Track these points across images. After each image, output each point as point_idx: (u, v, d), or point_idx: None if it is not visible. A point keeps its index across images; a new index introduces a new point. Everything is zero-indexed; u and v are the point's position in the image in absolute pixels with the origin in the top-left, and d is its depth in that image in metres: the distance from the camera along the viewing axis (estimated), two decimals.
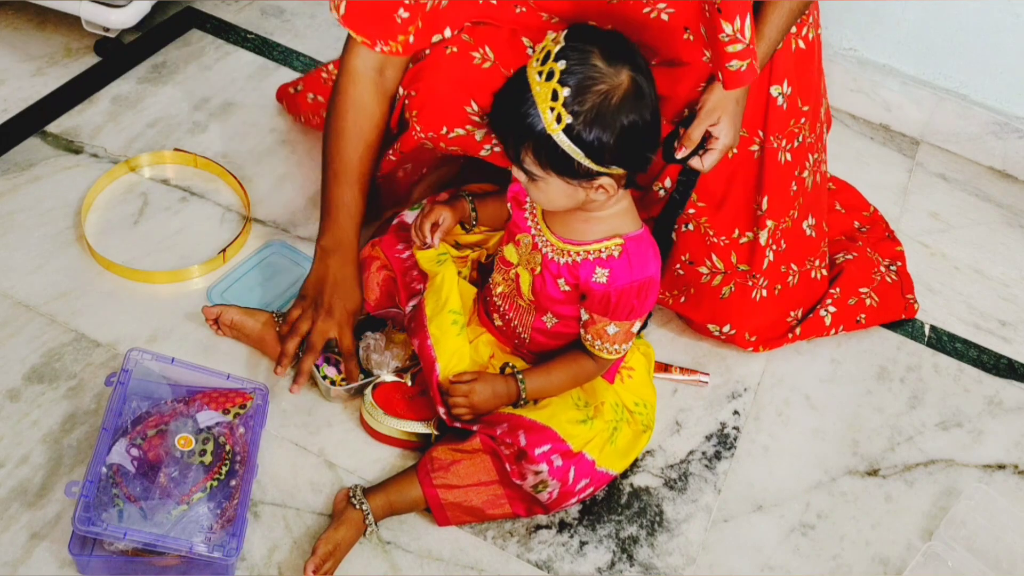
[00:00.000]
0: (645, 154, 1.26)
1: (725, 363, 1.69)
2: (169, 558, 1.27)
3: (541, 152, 1.22)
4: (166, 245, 1.69)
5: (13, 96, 1.90)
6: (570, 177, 1.24)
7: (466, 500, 1.37)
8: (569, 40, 1.20)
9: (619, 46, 1.23)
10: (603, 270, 1.33)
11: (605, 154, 1.21)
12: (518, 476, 1.35)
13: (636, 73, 1.21)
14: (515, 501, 1.39)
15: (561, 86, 1.18)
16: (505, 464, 1.36)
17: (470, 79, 1.42)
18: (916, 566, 1.45)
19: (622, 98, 1.20)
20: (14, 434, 1.40)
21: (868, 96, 2.26)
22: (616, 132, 1.20)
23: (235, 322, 1.53)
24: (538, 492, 1.36)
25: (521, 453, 1.34)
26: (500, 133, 1.29)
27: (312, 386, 1.53)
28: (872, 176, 2.15)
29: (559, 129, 1.19)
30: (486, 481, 1.37)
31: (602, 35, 1.24)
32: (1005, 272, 1.98)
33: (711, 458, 1.56)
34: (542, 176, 1.25)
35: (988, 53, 2.13)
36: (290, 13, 2.23)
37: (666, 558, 1.43)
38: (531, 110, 1.20)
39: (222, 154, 1.86)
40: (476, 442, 1.37)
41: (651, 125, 1.24)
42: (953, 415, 1.69)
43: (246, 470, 1.34)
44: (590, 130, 1.19)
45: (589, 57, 1.19)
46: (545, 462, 1.34)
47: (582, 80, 1.18)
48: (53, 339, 1.52)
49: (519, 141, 1.24)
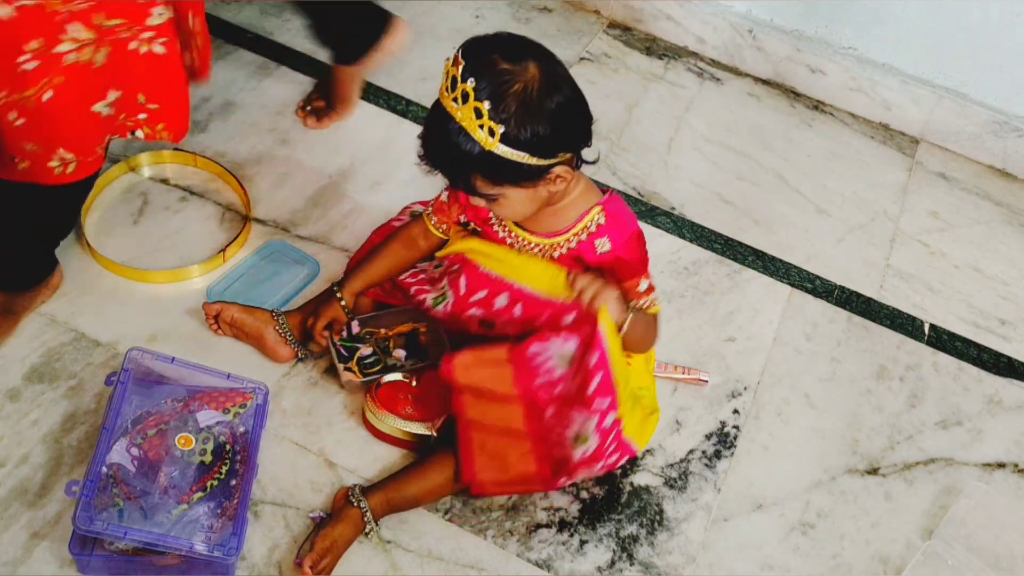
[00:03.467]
0: (583, 127, 1.28)
1: (725, 362, 1.69)
2: (169, 557, 1.27)
3: (489, 171, 1.24)
4: (166, 245, 1.69)
5: None
6: (526, 181, 1.25)
7: (494, 447, 1.37)
8: (468, 57, 1.20)
9: (515, 43, 1.24)
10: (601, 240, 1.35)
11: (547, 145, 1.22)
12: (560, 419, 1.35)
13: (540, 61, 1.23)
14: (543, 460, 1.38)
15: (480, 102, 1.18)
16: (548, 406, 1.35)
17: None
18: (916, 565, 1.45)
19: (540, 87, 1.21)
20: (14, 434, 1.40)
21: (868, 95, 2.26)
22: (549, 120, 1.21)
23: (235, 319, 1.53)
24: (576, 445, 1.35)
25: (578, 396, 1.34)
26: (443, 171, 1.29)
27: (313, 385, 1.53)
28: (872, 175, 2.15)
29: (496, 142, 1.20)
30: (515, 429, 1.37)
31: (494, 40, 1.24)
32: (1005, 271, 1.98)
33: (711, 457, 1.56)
34: (500, 192, 1.27)
35: (988, 52, 2.13)
36: (290, 13, 2.23)
37: (666, 557, 1.43)
38: (462, 137, 1.21)
39: (222, 154, 1.86)
40: (509, 382, 1.36)
41: (576, 98, 1.26)
42: (953, 414, 1.70)
43: (246, 469, 1.34)
44: (525, 129, 1.20)
45: (493, 64, 1.20)
46: (599, 414, 1.34)
47: (496, 88, 1.19)
48: (53, 339, 1.52)
49: (465, 171, 1.25)
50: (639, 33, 2.40)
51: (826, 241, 1.97)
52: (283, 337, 1.53)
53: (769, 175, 2.10)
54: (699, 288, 1.82)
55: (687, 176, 2.05)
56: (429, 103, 2.09)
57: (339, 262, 1.69)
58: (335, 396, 1.53)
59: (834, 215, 2.03)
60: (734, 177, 2.07)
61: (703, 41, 2.36)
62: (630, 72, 2.28)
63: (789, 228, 1.99)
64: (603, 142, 2.06)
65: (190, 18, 1.33)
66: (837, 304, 1.84)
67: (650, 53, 2.35)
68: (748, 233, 1.95)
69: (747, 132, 2.19)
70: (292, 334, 1.53)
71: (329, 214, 1.79)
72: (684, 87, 2.27)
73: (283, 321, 1.53)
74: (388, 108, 2.04)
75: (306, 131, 1.95)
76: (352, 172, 1.88)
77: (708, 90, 2.28)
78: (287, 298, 1.63)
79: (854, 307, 1.84)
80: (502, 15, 2.36)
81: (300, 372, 1.55)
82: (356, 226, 1.76)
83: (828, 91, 2.30)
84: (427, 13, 2.32)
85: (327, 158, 1.90)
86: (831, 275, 1.90)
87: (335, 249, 1.73)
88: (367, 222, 1.76)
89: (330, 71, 1.91)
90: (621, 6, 2.40)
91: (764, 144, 2.17)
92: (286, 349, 1.53)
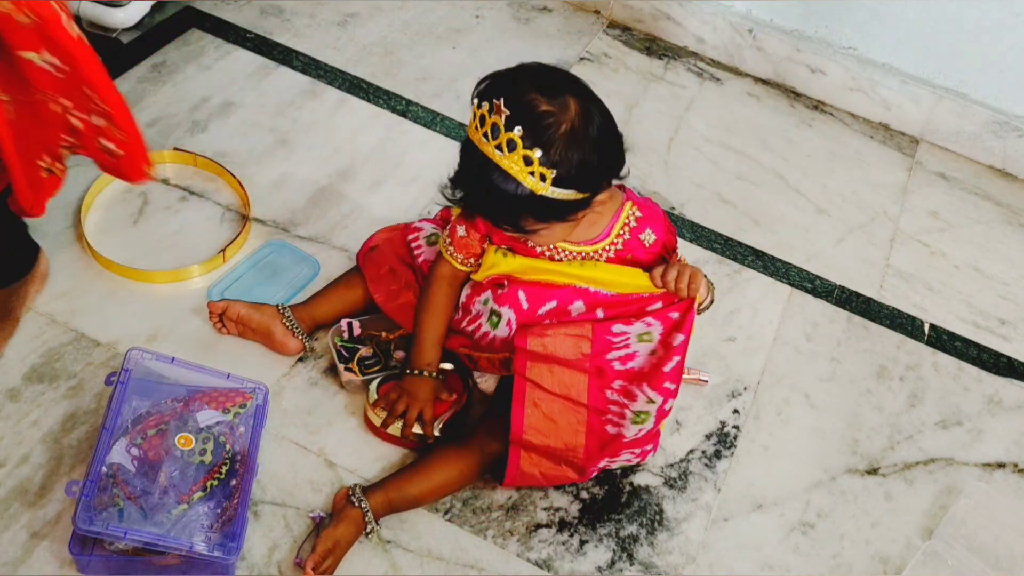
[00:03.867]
0: (620, 149, 1.29)
1: (725, 362, 1.69)
2: (169, 557, 1.27)
3: (539, 212, 1.24)
4: (166, 245, 1.69)
5: None
6: (571, 214, 1.26)
7: (549, 409, 1.36)
8: (509, 104, 1.19)
9: (548, 78, 1.24)
10: (645, 233, 1.38)
11: (595, 178, 1.24)
12: (625, 394, 1.36)
13: (575, 93, 1.22)
14: (592, 434, 1.38)
15: (530, 150, 1.18)
16: (615, 380, 1.36)
17: None
18: (916, 565, 1.45)
19: (583, 123, 1.21)
20: (14, 434, 1.40)
21: (868, 95, 2.26)
22: (595, 151, 1.22)
23: (242, 315, 1.53)
24: (635, 422, 1.37)
25: (651, 373, 1.35)
26: (487, 215, 1.28)
27: (313, 385, 1.53)
28: (872, 175, 2.15)
29: (548, 187, 1.20)
30: (575, 399, 1.37)
31: (529, 77, 1.23)
32: (1004, 271, 1.98)
33: (711, 457, 1.56)
34: (546, 227, 1.27)
35: (988, 52, 2.13)
36: (290, 12, 2.23)
37: (666, 557, 1.43)
38: (510, 184, 1.20)
39: (222, 154, 1.86)
40: (584, 353, 1.36)
41: (608, 121, 1.26)
42: (953, 414, 1.70)
43: (246, 469, 1.34)
44: (575, 169, 1.20)
45: (535, 108, 1.19)
46: (664, 395, 1.36)
47: (544, 133, 1.18)
48: (53, 339, 1.52)
49: (514, 214, 1.24)
50: (639, 33, 2.40)
51: (826, 241, 1.97)
52: (291, 330, 1.53)
53: (769, 175, 2.10)
54: None
55: (687, 176, 2.05)
56: (429, 103, 2.12)
57: (339, 262, 1.69)
58: (335, 396, 1.53)
59: (834, 215, 2.03)
60: (734, 177, 2.07)
61: (703, 41, 2.36)
62: (630, 72, 2.28)
63: (789, 228, 1.99)
64: None
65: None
66: (837, 304, 1.84)
67: (650, 53, 2.35)
68: (748, 233, 1.95)
69: (747, 132, 2.19)
70: (300, 327, 1.53)
71: (329, 214, 1.79)
72: (684, 87, 2.27)
73: (290, 315, 1.53)
74: (388, 108, 2.04)
75: (306, 131, 1.95)
76: (352, 172, 1.88)
77: (708, 90, 2.28)
78: (288, 297, 1.63)
79: (854, 307, 1.84)
80: (502, 15, 2.36)
81: (300, 372, 1.55)
82: (356, 226, 1.76)
83: (828, 91, 2.30)
84: (427, 13, 2.32)
85: (327, 158, 1.90)
86: (831, 275, 1.90)
87: (335, 249, 1.73)
88: (367, 222, 1.76)
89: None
90: (621, 6, 2.40)
91: (764, 144, 2.17)
92: (295, 342, 1.54)
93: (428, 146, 1.97)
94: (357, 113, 2.02)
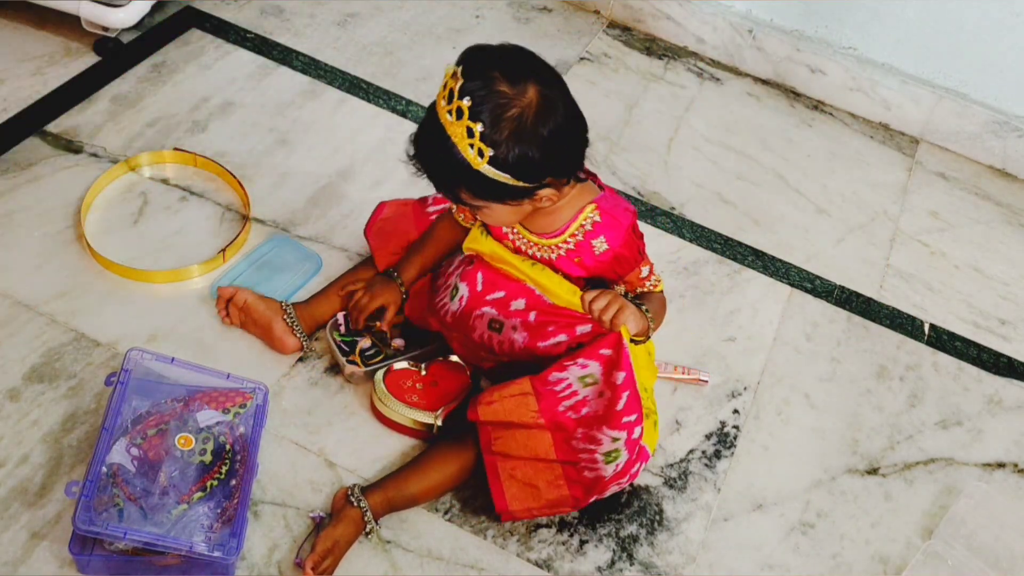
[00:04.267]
0: (575, 153, 1.28)
1: (725, 362, 1.69)
2: (169, 557, 1.27)
3: (474, 187, 1.24)
4: (166, 245, 1.69)
5: (12, 96, 1.90)
6: (509, 199, 1.26)
7: (524, 475, 1.36)
8: (468, 73, 1.19)
9: (518, 61, 1.23)
10: (598, 240, 1.36)
11: (535, 170, 1.22)
12: (589, 441, 1.34)
13: (541, 84, 1.21)
14: (574, 484, 1.37)
15: (474, 122, 1.18)
16: (576, 430, 1.35)
17: None
18: (916, 565, 1.45)
19: (536, 114, 1.20)
20: (14, 434, 1.40)
21: (867, 95, 2.26)
22: (540, 147, 1.21)
23: (247, 304, 1.54)
24: (608, 462, 1.35)
25: (606, 416, 1.34)
26: (429, 176, 1.29)
27: (313, 385, 1.53)
28: (872, 175, 2.15)
29: (484, 163, 1.20)
30: (544, 457, 1.36)
31: (497, 55, 1.23)
32: (1004, 271, 1.98)
33: (711, 457, 1.56)
34: (484, 205, 1.27)
35: (987, 52, 2.13)
36: (289, 12, 2.23)
37: (666, 557, 1.43)
38: (452, 150, 1.21)
39: (222, 154, 1.86)
40: (535, 411, 1.35)
41: (570, 126, 1.25)
42: (953, 414, 1.70)
43: (246, 469, 1.34)
44: (514, 154, 1.20)
45: (492, 83, 1.19)
46: (628, 429, 1.35)
47: (492, 110, 1.18)
48: (53, 339, 1.52)
49: (451, 183, 1.25)
50: (639, 33, 2.40)
51: (826, 241, 1.97)
52: (291, 328, 1.54)
53: (769, 175, 2.10)
54: (699, 288, 1.82)
55: (687, 176, 2.05)
56: (428, 103, 2.11)
57: (339, 262, 1.69)
58: (335, 396, 1.53)
59: (834, 215, 2.03)
60: (734, 177, 2.07)
61: (703, 41, 2.36)
62: (630, 72, 2.28)
63: (789, 228, 1.99)
64: (603, 142, 2.06)
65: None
66: (837, 304, 1.84)
67: (650, 53, 2.35)
68: (748, 233, 1.95)
69: (747, 132, 2.19)
70: (300, 326, 1.54)
71: (329, 214, 1.79)
72: (684, 87, 2.27)
73: (292, 312, 1.54)
74: (388, 108, 2.04)
75: (306, 131, 1.95)
76: (352, 172, 1.88)
77: (708, 90, 2.28)
78: (290, 293, 1.63)
79: (854, 307, 1.84)
80: (502, 15, 2.36)
81: (300, 372, 1.55)
82: (356, 226, 1.76)
83: (828, 91, 2.30)
84: (427, 13, 2.32)
85: (327, 158, 1.90)
86: (831, 275, 1.90)
87: (335, 249, 1.73)
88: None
89: None
90: (621, 6, 2.40)
91: (764, 144, 2.17)
92: (293, 340, 1.54)
93: None
94: (357, 113, 2.02)
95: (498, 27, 2.32)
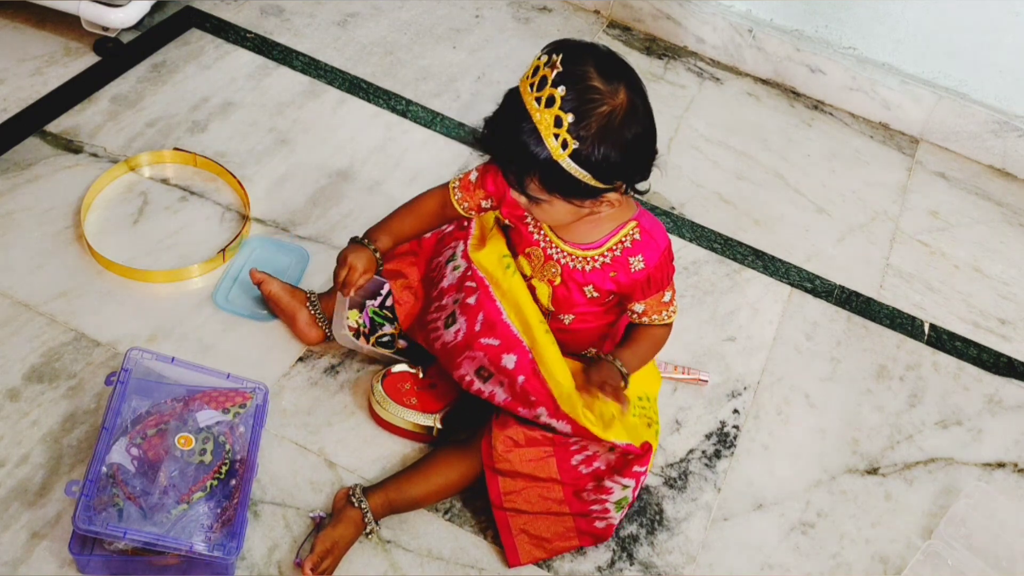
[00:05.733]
0: (648, 162, 1.28)
1: (725, 362, 1.69)
2: (169, 557, 1.27)
3: (548, 178, 1.22)
4: (166, 245, 1.69)
5: (12, 96, 1.90)
6: (577, 198, 1.25)
7: (536, 530, 1.37)
8: (566, 63, 1.19)
9: (612, 62, 1.23)
10: (635, 258, 1.35)
11: (612, 171, 1.22)
12: (600, 492, 1.36)
13: (631, 88, 1.22)
14: (585, 536, 1.38)
15: (564, 112, 1.17)
16: (587, 483, 1.36)
17: None
18: (916, 564, 1.45)
19: (624, 116, 1.20)
20: (14, 434, 1.40)
21: (867, 94, 2.26)
22: (622, 149, 1.21)
23: (273, 293, 1.56)
24: (618, 509, 1.37)
25: (618, 467, 1.35)
26: (500, 161, 1.27)
27: (313, 385, 1.53)
28: (872, 175, 2.15)
29: (566, 155, 1.19)
30: (557, 511, 1.37)
31: (595, 52, 1.23)
32: (1004, 270, 1.98)
33: (711, 457, 1.56)
34: (547, 199, 1.25)
35: (987, 52, 2.13)
36: (289, 12, 2.23)
37: (666, 556, 1.43)
38: (533, 138, 1.19)
39: (222, 153, 1.86)
40: (553, 468, 1.36)
41: (651, 133, 1.26)
42: (953, 413, 1.70)
43: (246, 469, 1.34)
44: (598, 152, 1.19)
45: (587, 78, 1.19)
46: (636, 477, 1.37)
47: (584, 104, 1.18)
48: (53, 338, 1.52)
49: (524, 169, 1.23)
50: (639, 33, 2.40)
51: (826, 241, 1.97)
52: (315, 319, 1.55)
53: (769, 175, 2.10)
54: (699, 288, 1.82)
55: (687, 176, 2.05)
56: (429, 103, 2.12)
57: None
58: (335, 396, 1.53)
59: (834, 215, 2.03)
60: (734, 177, 2.07)
61: (703, 41, 2.36)
62: None
63: (789, 228, 1.99)
64: None
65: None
66: (837, 304, 1.84)
67: (650, 53, 2.35)
68: (748, 233, 1.95)
69: (747, 132, 2.19)
70: (324, 317, 1.55)
71: (329, 214, 1.79)
72: (684, 87, 2.27)
73: (317, 303, 1.55)
74: (388, 108, 2.04)
75: (306, 131, 1.95)
76: (352, 172, 1.88)
77: (708, 90, 2.28)
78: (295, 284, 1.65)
79: (854, 307, 1.84)
80: (502, 15, 2.36)
81: (300, 372, 1.55)
82: (356, 226, 1.76)
83: (828, 91, 2.30)
84: (427, 13, 2.32)
85: (327, 158, 1.90)
86: (831, 275, 1.90)
87: (335, 249, 1.72)
88: (367, 222, 1.75)
89: None
90: (621, 6, 2.40)
91: (764, 144, 2.17)
92: (316, 331, 1.55)
93: (428, 146, 1.97)
94: (357, 113, 2.02)
95: (498, 27, 2.32)
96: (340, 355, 1.58)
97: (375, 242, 1.46)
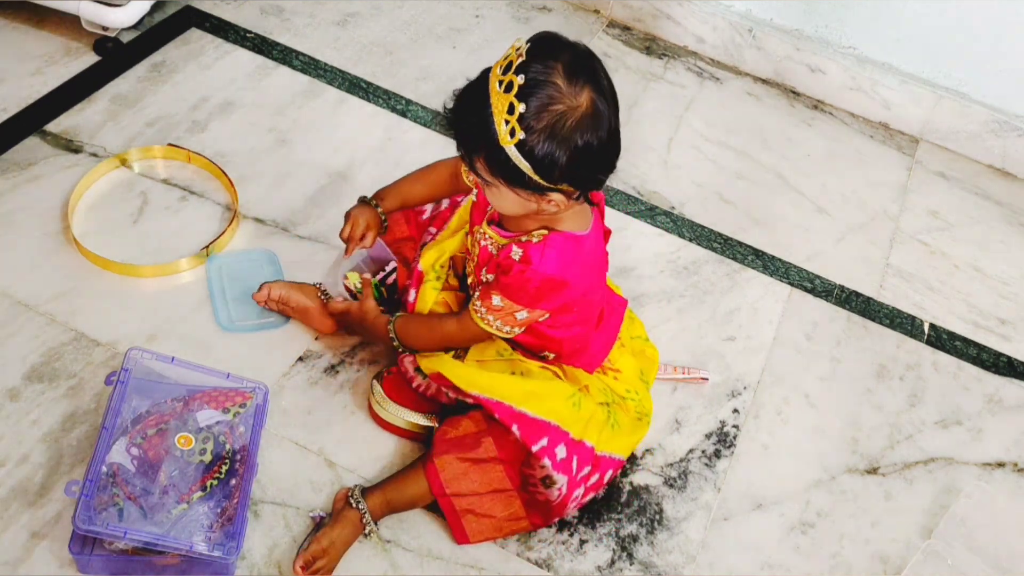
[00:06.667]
0: (597, 175, 1.25)
1: (725, 362, 1.69)
2: (169, 557, 1.27)
3: (492, 161, 1.22)
4: (166, 244, 1.69)
5: (12, 95, 1.90)
6: (520, 188, 1.23)
7: (482, 508, 1.37)
8: (532, 52, 1.18)
9: (583, 61, 1.22)
10: (519, 249, 1.32)
11: (555, 172, 1.20)
12: (529, 467, 1.36)
13: (597, 94, 1.20)
14: (532, 510, 1.38)
15: (519, 100, 1.16)
16: (520, 460, 1.36)
17: None
18: (916, 564, 1.45)
19: (579, 120, 1.18)
20: (14, 434, 1.40)
21: (867, 94, 2.26)
22: (568, 152, 1.18)
23: (282, 296, 1.58)
24: (547, 487, 1.36)
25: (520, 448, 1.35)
26: (456, 135, 1.27)
27: (313, 385, 1.53)
28: (871, 174, 2.15)
29: (512, 143, 1.18)
30: (500, 488, 1.37)
31: (568, 47, 1.22)
32: (1004, 270, 1.98)
33: (711, 456, 1.56)
34: (493, 183, 1.25)
35: (987, 51, 2.13)
36: (289, 12, 2.23)
37: (666, 556, 1.43)
38: (487, 119, 1.19)
39: (221, 153, 1.86)
40: (492, 447, 1.37)
41: (606, 146, 1.22)
42: (953, 413, 1.70)
43: (246, 469, 1.34)
44: (542, 147, 1.17)
45: (551, 73, 1.17)
46: (547, 456, 1.34)
47: (541, 97, 1.17)
48: (53, 338, 1.52)
49: (473, 147, 1.23)
50: (639, 33, 2.40)
51: (826, 240, 1.97)
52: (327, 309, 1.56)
53: (769, 174, 2.10)
54: (699, 287, 1.82)
55: (687, 175, 2.05)
56: (429, 103, 2.12)
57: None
58: (335, 396, 1.53)
59: (834, 214, 2.03)
60: (734, 177, 2.07)
61: (703, 41, 2.36)
62: (630, 72, 2.28)
63: (789, 227, 1.99)
64: None
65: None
66: (837, 303, 1.84)
67: (650, 53, 2.35)
68: (748, 232, 1.95)
69: (747, 132, 2.19)
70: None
71: (329, 214, 1.79)
72: (684, 87, 2.27)
73: (327, 292, 1.57)
74: (388, 108, 2.04)
75: (306, 131, 1.95)
76: (352, 172, 1.88)
77: (708, 90, 2.28)
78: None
79: (854, 306, 1.84)
80: (502, 15, 2.36)
81: (300, 372, 1.55)
82: None
83: (828, 90, 2.30)
84: (427, 13, 2.32)
85: (327, 158, 1.90)
86: (831, 274, 1.90)
87: (335, 249, 1.72)
88: None
89: None
90: (621, 6, 2.39)
91: (764, 143, 2.17)
92: (330, 321, 1.57)
93: (428, 146, 1.97)
94: (357, 113, 2.02)
95: (498, 27, 2.32)
96: (340, 355, 1.58)
97: (382, 202, 1.52)
